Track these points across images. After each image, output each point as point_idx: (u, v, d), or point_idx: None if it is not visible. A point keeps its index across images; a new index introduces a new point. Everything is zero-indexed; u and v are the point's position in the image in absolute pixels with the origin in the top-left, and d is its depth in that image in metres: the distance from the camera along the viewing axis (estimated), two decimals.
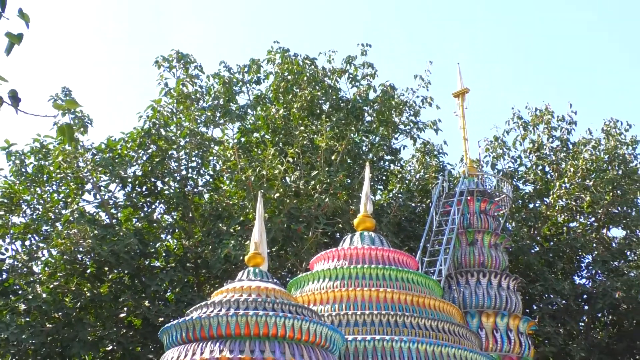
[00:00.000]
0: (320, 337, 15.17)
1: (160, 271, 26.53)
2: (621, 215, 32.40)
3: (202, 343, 14.82)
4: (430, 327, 17.25)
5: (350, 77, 31.92)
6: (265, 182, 26.51)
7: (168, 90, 30.09)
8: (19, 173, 27.63)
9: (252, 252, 16.80)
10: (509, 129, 34.88)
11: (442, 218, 23.93)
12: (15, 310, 25.20)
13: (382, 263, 18.54)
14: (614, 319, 31.14)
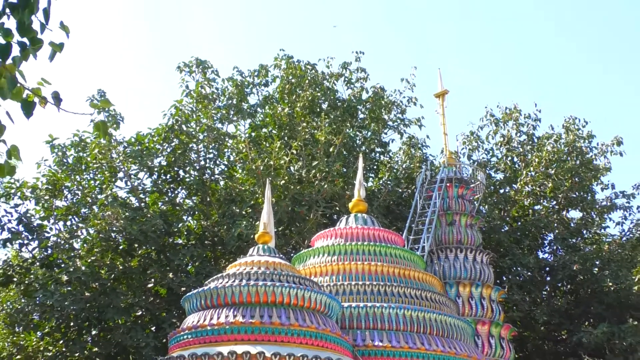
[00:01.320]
0: (320, 304, 15.20)
1: (182, 247, 26.57)
2: (578, 199, 32.44)
3: (218, 309, 14.84)
4: (415, 295, 17.29)
5: (346, 80, 31.92)
6: (272, 171, 26.54)
7: (188, 92, 30.25)
8: (61, 163, 27.65)
9: (261, 231, 16.83)
10: (482, 125, 34.94)
11: (425, 202, 23.97)
12: (58, 281, 25.24)
13: (373, 240, 18.56)
14: (572, 288, 31.17)
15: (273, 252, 16.41)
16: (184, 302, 15.97)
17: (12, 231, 26.67)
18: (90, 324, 25.62)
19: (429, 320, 16.55)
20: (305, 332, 14.54)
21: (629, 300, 28.56)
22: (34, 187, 27.09)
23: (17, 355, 25.93)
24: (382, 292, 17.08)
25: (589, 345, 27.16)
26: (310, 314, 14.91)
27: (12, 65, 4.99)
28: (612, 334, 26.26)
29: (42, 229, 27.27)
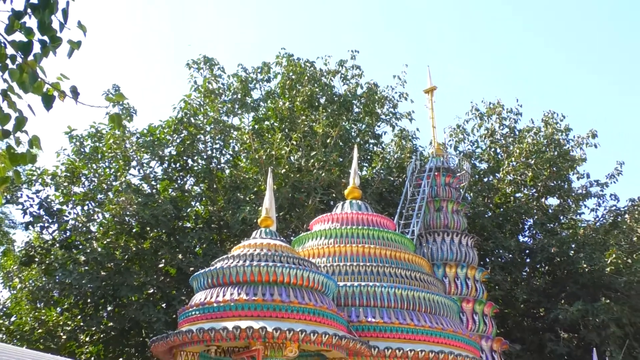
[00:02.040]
0: (317, 283, 15.22)
1: (191, 231, 26.61)
2: (556, 187, 32.50)
3: (224, 288, 14.87)
4: (405, 275, 17.32)
5: (342, 76, 31.91)
6: (274, 160, 26.56)
7: (197, 87, 30.28)
8: (78, 152, 27.67)
9: (264, 216, 16.83)
10: (468, 119, 35.02)
11: (414, 189, 23.98)
12: (76, 261, 25.30)
13: (366, 225, 18.58)
14: (550, 269, 31.24)
15: (274, 235, 16.43)
16: (192, 281, 16.00)
17: (34, 215, 26.73)
18: (106, 301, 25.69)
19: (417, 299, 16.60)
20: (304, 309, 14.57)
21: (601, 281, 28.65)
22: (53, 175, 27.12)
23: (39, 329, 25.99)
24: (375, 272, 17.12)
25: (565, 322, 27.27)
26: (308, 292, 14.93)
27: (34, 62, 4.98)
28: (586, 312, 26.35)
29: (62, 213, 27.31)
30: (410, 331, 15.99)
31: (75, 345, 25.67)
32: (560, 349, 27.50)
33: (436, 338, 16.23)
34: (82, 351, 25.50)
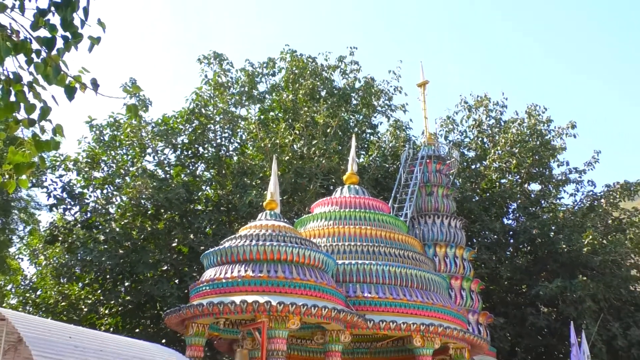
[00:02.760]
0: (318, 261, 15.27)
1: (202, 213, 26.65)
2: (538, 174, 32.50)
3: (232, 265, 14.91)
4: (398, 254, 17.38)
5: (341, 71, 31.87)
6: (278, 148, 26.56)
7: (207, 80, 30.35)
8: (98, 140, 27.72)
9: (269, 199, 16.87)
10: (457, 111, 34.99)
11: (408, 175, 23.99)
12: (96, 240, 25.37)
13: (363, 208, 18.61)
14: (531, 249, 31.28)
15: (278, 217, 16.47)
16: (202, 258, 16.06)
17: (57, 198, 26.80)
18: (124, 277, 25.79)
19: (410, 276, 16.65)
20: (305, 285, 14.63)
21: (579, 260, 28.70)
22: (75, 161, 27.16)
23: (62, 303, 26.10)
24: (371, 251, 17.17)
25: (545, 297, 27.35)
26: (309, 270, 14.98)
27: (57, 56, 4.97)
28: (564, 288, 26.42)
29: (83, 196, 27.39)
30: (403, 305, 16.06)
31: (96, 317, 25.79)
32: (540, 322, 27.59)
33: (427, 312, 16.31)
34: (102, 322, 25.63)
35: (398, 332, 15.97)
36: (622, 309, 27.92)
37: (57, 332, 9.73)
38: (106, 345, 10.34)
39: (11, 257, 27.75)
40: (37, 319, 10.41)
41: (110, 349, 10.19)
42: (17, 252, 29.12)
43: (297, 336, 17.57)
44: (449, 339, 16.71)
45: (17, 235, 26.67)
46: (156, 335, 23.94)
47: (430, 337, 16.16)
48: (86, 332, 10.72)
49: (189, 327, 15.24)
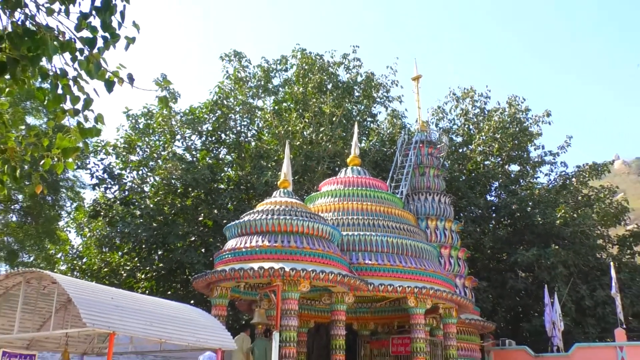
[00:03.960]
0: (325, 233, 15.31)
1: (224, 191, 26.73)
2: (517, 156, 32.44)
3: (251, 236, 14.97)
4: (395, 227, 17.40)
5: (345, 67, 31.76)
6: (290, 134, 26.54)
7: (228, 75, 30.39)
8: (134, 128, 27.77)
9: (282, 179, 16.88)
10: (447, 101, 34.93)
11: (403, 158, 23.96)
12: (133, 215, 25.50)
13: (364, 186, 18.62)
14: (511, 222, 31.28)
15: (291, 194, 16.49)
16: (225, 230, 16.12)
17: (99, 178, 26.91)
18: (157, 247, 25.93)
19: (405, 245, 16.69)
20: (314, 253, 14.68)
21: (552, 231, 28.71)
22: (114, 146, 27.24)
23: (105, 269, 26.29)
24: (371, 224, 17.19)
25: (523, 264, 27.40)
26: (318, 240, 15.03)
27: (98, 54, 4.97)
28: (539, 256, 26.45)
29: (121, 176, 27.48)
30: (399, 271, 16.12)
31: (133, 281, 25.98)
32: (518, 285, 27.69)
33: (420, 276, 16.36)
34: (139, 286, 25.82)
35: (395, 294, 16.04)
36: (590, 274, 27.96)
37: (101, 294, 9.80)
38: (143, 305, 10.41)
39: (60, 229, 27.89)
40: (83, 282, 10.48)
41: (146, 309, 10.26)
42: (65, 225, 29.26)
43: (307, 297, 17.67)
44: (439, 300, 16.78)
45: (65, 210, 26.79)
46: (185, 297, 24.11)
47: (423, 298, 16.22)
48: (125, 294, 10.80)
49: (214, 289, 15.34)
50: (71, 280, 10.08)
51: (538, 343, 25.01)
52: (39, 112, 22.04)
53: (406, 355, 17.50)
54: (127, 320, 9.39)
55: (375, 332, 19.63)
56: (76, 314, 9.51)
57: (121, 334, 9.34)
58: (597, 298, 26.01)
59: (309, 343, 19.43)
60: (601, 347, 21.24)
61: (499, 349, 22.98)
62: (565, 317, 24.61)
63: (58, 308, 11.04)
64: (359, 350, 19.57)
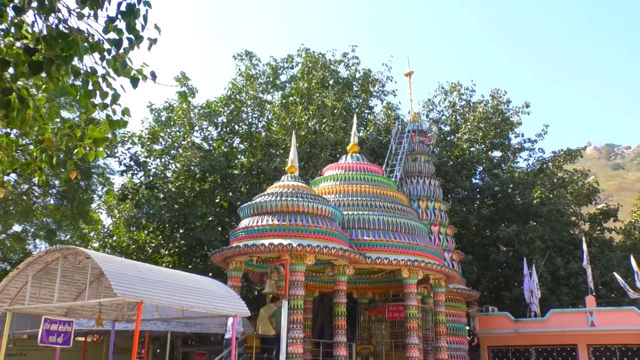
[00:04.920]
0: (328, 212, 15.33)
1: (238, 176, 26.70)
2: (499, 144, 32.30)
3: (262, 216, 15.00)
4: (390, 207, 17.40)
5: (345, 64, 31.54)
6: (296, 125, 26.49)
7: (240, 73, 30.25)
8: (157, 120, 27.73)
9: (289, 165, 16.88)
10: (436, 94, 34.68)
11: (397, 146, 23.89)
12: (157, 198, 25.53)
13: (363, 171, 18.60)
14: (494, 202, 31.24)
15: (297, 179, 16.49)
16: (239, 211, 16.16)
17: (127, 165, 26.94)
18: (179, 226, 25.99)
19: (399, 223, 16.71)
20: (318, 231, 14.72)
21: (530, 210, 28.70)
22: (139, 137, 27.22)
23: (132, 246, 26.41)
24: (369, 204, 17.21)
25: (504, 239, 27.43)
26: (321, 219, 15.06)
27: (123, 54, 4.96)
28: (519, 231, 26.47)
29: (146, 164, 27.50)
30: (393, 246, 16.15)
31: (158, 257, 26.10)
32: (500, 258, 27.72)
33: (412, 251, 16.40)
34: (163, 261, 25.93)
35: (390, 267, 16.09)
36: (564, 248, 27.97)
37: (129, 268, 9.86)
38: (166, 277, 10.48)
39: (93, 211, 27.99)
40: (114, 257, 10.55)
41: (170, 280, 10.33)
42: (97, 207, 29.35)
43: (312, 270, 17.76)
44: (429, 272, 16.83)
45: (96, 194, 26.84)
46: (204, 270, 24.22)
47: (415, 270, 16.28)
48: (151, 268, 10.86)
49: (230, 263, 15.41)
50: (103, 256, 10.14)
51: (518, 309, 25.11)
52: (72, 106, 22.03)
53: (400, 320, 17.61)
54: (153, 291, 9.45)
55: (373, 300, 19.72)
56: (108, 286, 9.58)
57: (148, 302, 9.41)
58: (570, 269, 26.05)
59: (314, 310, 19.55)
60: (573, 312, 21.31)
61: (482, 315, 23.08)
62: (542, 286, 24.67)
63: (92, 280, 11.12)
64: (358, 316, 19.67)
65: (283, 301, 13.33)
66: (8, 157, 5.97)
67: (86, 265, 10.53)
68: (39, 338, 10.55)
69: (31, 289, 10.63)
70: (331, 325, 15.99)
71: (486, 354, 22.96)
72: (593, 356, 21.05)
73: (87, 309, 12.52)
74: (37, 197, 24.33)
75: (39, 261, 10.57)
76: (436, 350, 17.25)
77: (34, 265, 10.59)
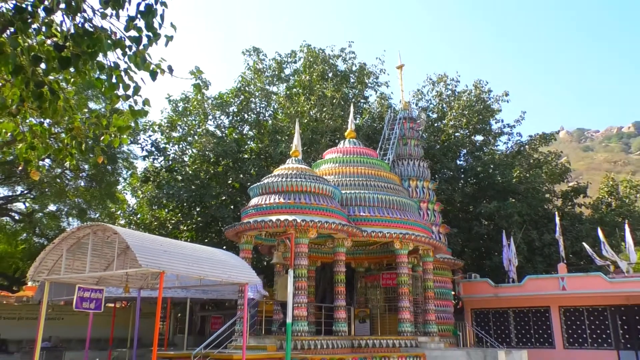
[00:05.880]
0: (327, 191, 15.34)
1: (247, 160, 26.68)
2: (481, 129, 32.17)
3: (270, 195, 15.02)
4: (383, 186, 17.40)
5: (343, 59, 31.30)
6: (299, 114, 26.35)
7: (249, 67, 29.99)
8: (174, 110, 27.64)
9: (293, 150, 16.85)
10: (424, 85, 34.46)
11: (390, 132, 23.81)
12: (176, 180, 25.55)
13: (359, 154, 18.57)
14: (477, 181, 31.24)
15: (300, 162, 16.48)
16: (249, 191, 16.17)
17: (148, 151, 26.89)
18: (195, 204, 26.02)
19: (392, 200, 16.73)
20: (320, 208, 14.74)
21: (509, 188, 28.69)
22: (159, 125, 27.16)
23: (154, 223, 26.49)
24: (364, 184, 17.21)
25: (485, 214, 27.46)
26: (323, 197, 15.08)
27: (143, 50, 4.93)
28: (499, 207, 26.49)
29: (165, 149, 27.45)
30: (387, 221, 16.19)
31: (177, 232, 26.20)
32: (482, 231, 27.80)
33: (403, 225, 16.44)
34: (182, 236, 26.03)
35: (384, 239, 16.15)
36: (539, 221, 28.03)
37: (152, 242, 9.91)
38: (185, 250, 10.53)
39: (119, 192, 28.04)
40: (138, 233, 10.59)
41: (188, 253, 10.38)
42: (122, 189, 29.39)
43: (315, 242, 17.83)
44: (419, 243, 16.90)
45: (122, 177, 26.87)
46: (219, 244, 24.34)
47: (406, 242, 16.34)
48: (171, 242, 10.92)
49: (241, 237, 15.48)
50: (128, 232, 10.19)
51: (497, 276, 25.25)
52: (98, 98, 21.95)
53: (393, 286, 17.73)
54: (173, 262, 9.51)
55: (369, 269, 19.83)
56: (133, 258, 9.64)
57: (169, 272, 9.47)
58: (544, 240, 26.13)
59: (316, 278, 19.68)
60: (547, 278, 21.43)
61: (466, 281, 23.23)
62: (519, 256, 24.78)
63: (119, 253, 11.18)
64: (356, 283, 19.81)
65: (289, 270, 13.42)
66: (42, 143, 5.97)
67: (114, 240, 10.59)
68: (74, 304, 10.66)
69: (66, 261, 10.70)
70: (332, 291, 16.11)
71: (469, 315, 23.15)
72: (564, 316, 21.22)
73: (115, 279, 12.61)
74: (69, 179, 24.37)
75: (72, 236, 10.63)
76: (425, 312, 17.39)
77: (68, 240, 10.65)
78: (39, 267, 10.67)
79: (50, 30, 4.87)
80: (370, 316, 18.61)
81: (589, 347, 20.43)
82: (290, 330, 12.28)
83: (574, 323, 20.97)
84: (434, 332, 16.92)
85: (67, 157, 6.05)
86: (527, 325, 21.91)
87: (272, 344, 13.58)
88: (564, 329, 21.04)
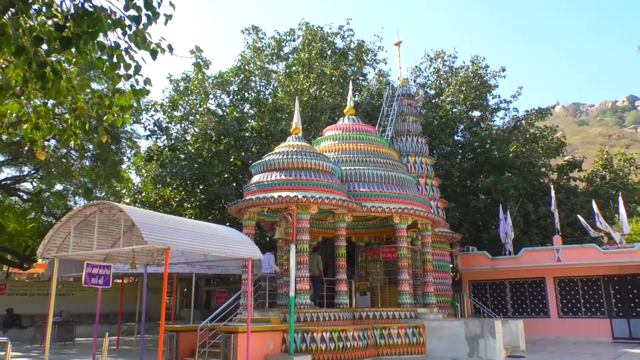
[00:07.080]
0: (328, 168, 15.33)
1: (249, 138, 26.61)
2: (478, 104, 31.97)
3: (271, 172, 15.02)
4: (382, 162, 17.39)
5: (341, 36, 30.94)
6: (299, 92, 26.19)
7: (248, 45, 29.69)
8: (176, 89, 27.45)
9: (294, 127, 16.78)
10: (422, 61, 34.14)
11: (388, 108, 23.67)
12: (179, 158, 25.54)
13: (358, 131, 18.49)
14: (474, 156, 31.17)
15: (301, 139, 16.43)
16: (251, 168, 16.16)
17: (151, 130, 26.85)
18: (199, 182, 26.07)
19: (391, 176, 16.73)
20: (320, 184, 14.75)
21: (506, 162, 28.67)
22: (161, 105, 27.03)
23: (159, 200, 26.57)
24: (364, 160, 17.19)
25: (482, 188, 27.49)
26: (323, 174, 15.08)
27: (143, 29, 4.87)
28: (496, 181, 26.51)
29: (168, 129, 27.39)
30: (386, 196, 16.22)
31: (182, 210, 26.31)
32: (479, 205, 27.87)
33: (402, 200, 16.48)
34: (186, 213, 26.15)
35: (383, 214, 16.20)
36: (534, 195, 28.09)
37: (157, 219, 9.95)
38: (190, 226, 10.58)
39: (123, 171, 28.05)
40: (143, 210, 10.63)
41: (193, 229, 10.43)
42: (127, 168, 29.38)
43: (316, 218, 17.89)
44: (417, 218, 16.95)
45: (126, 156, 26.84)
46: (222, 220, 24.45)
47: (405, 216, 16.40)
48: (176, 219, 10.97)
49: (244, 214, 15.53)
50: (134, 209, 10.23)
51: (494, 248, 25.42)
52: (100, 78, 21.78)
53: (393, 260, 17.86)
54: (178, 238, 9.57)
55: (369, 243, 19.95)
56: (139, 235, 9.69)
57: (174, 248, 9.53)
58: (540, 213, 26.22)
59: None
60: (542, 250, 21.59)
61: (464, 254, 23.39)
62: (515, 228, 24.89)
63: (125, 230, 11.25)
64: (356, 257, 19.95)
65: (291, 245, 13.50)
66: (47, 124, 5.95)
67: (120, 218, 10.63)
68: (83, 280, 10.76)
69: (74, 239, 10.76)
70: (333, 265, 16.25)
71: (467, 287, 23.38)
72: (558, 287, 21.44)
73: (122, 255, 12.71)
74: (75, 159, 24.36)
75: (79, 215, 10.67)
76: (424, 284, 17.55)
77: (75, 218, 10.70)
78: (48, 244, 10.74)
79: (50, 11, 4.81)
80: (371, 289, 18.79)
81: (583, 316, 20.69)
82: (293, 303, 12.42)
83: (568, 293, 21.19)
84: (433, 303, 17.10)
85: (72, 136, 6.04)
86: (523, 296, 22.15)
87: (275, 317, 13.75)
88: (558, 298, 21.27)
